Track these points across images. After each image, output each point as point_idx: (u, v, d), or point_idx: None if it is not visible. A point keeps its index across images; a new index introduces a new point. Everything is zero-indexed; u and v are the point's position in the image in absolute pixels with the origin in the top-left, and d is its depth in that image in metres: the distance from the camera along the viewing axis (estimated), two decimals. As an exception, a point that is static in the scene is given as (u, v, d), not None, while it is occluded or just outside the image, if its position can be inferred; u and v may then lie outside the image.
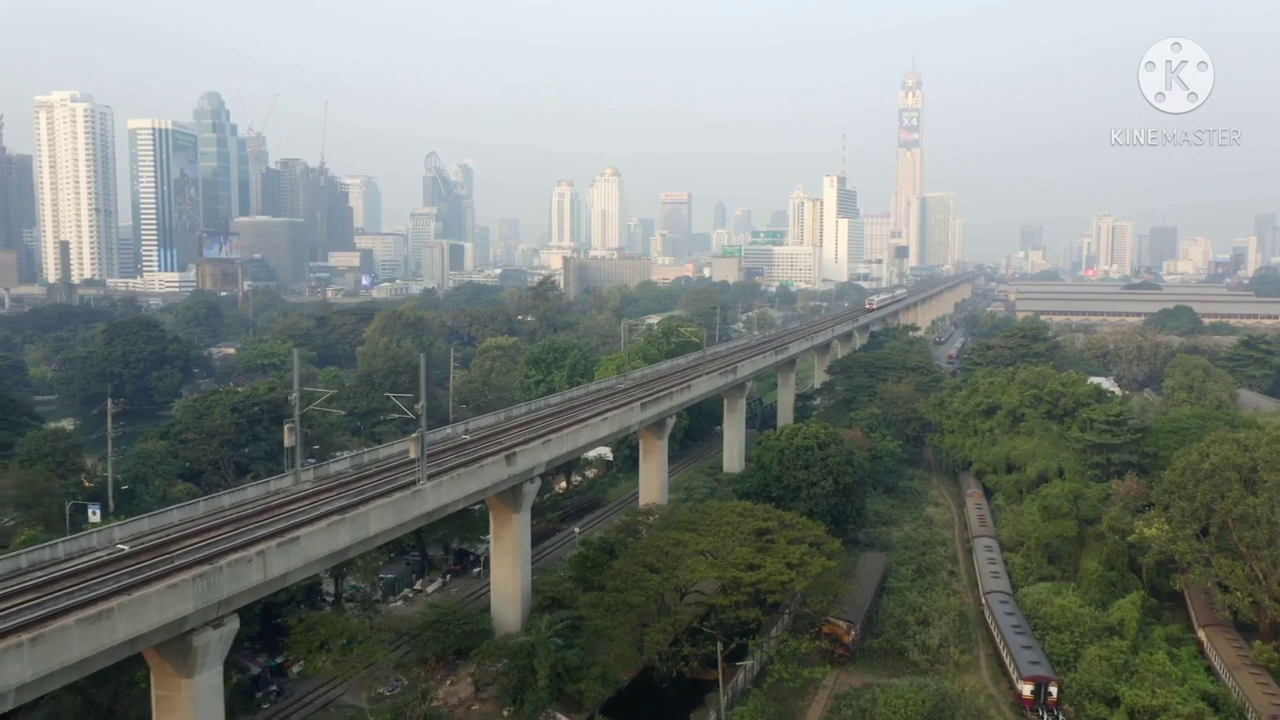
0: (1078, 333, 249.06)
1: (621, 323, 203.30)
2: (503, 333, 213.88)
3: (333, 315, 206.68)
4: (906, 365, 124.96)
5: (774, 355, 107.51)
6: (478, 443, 58.53)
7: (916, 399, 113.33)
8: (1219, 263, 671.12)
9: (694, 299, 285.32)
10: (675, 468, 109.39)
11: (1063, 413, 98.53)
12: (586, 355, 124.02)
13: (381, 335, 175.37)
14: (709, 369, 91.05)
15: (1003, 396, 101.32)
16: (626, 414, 66.32)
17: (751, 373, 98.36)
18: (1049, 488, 72.42)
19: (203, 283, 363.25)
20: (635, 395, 76.03)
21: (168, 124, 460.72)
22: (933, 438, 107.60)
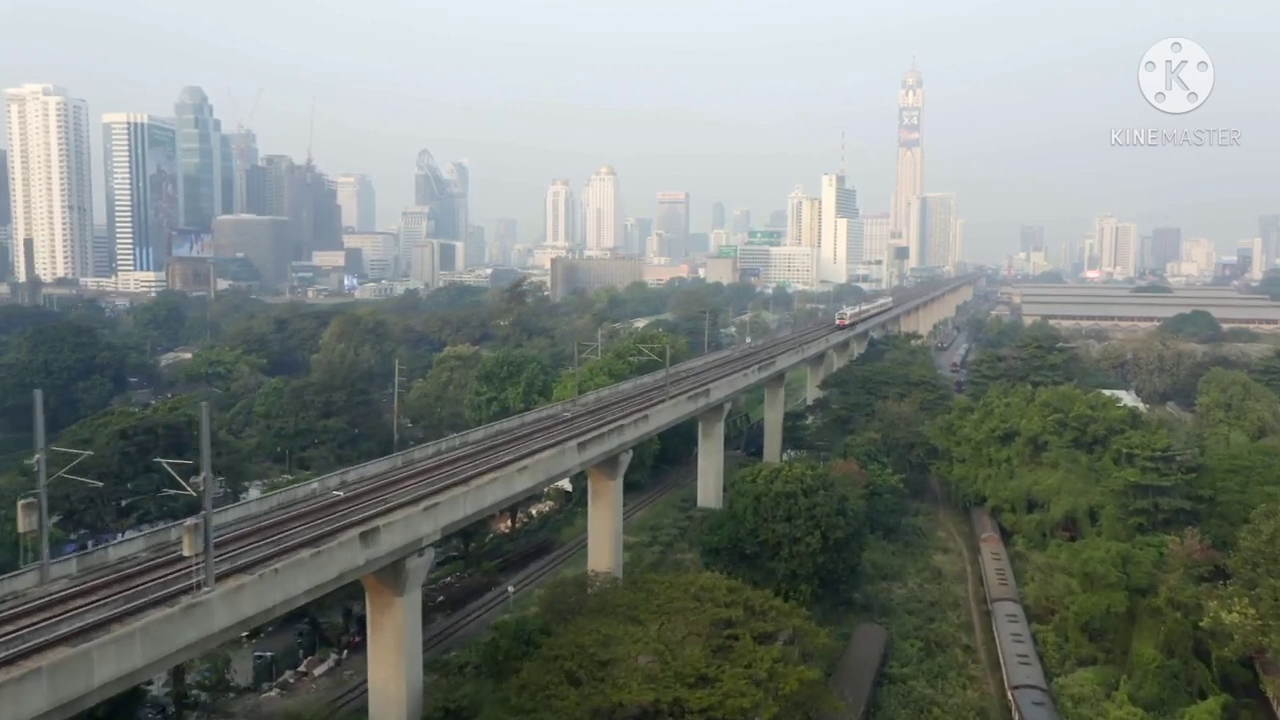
0: (1089, 339, 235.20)
1: (600, 328, 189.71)
2: (476, 338, 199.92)
3: (294, 319, 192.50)
4: (909, 380, 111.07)
5: (757, 372, 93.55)
6: (352, 501, 44.55)
7: (920, 420, 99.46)
8: (1225, 264, 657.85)
9: (684, 302, 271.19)
10: (643, 500, 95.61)
11: (1092, 440, 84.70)
12: (546, 369, 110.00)
13: (338, 342, 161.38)
14: (676, 391, 77.11)
15: (1021, 420, 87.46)
16: (556, 458, 52.33)
17: (728, 395, 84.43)
18: (1090, 548, 58.41)
19: (172, 283, 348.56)
20: (578, 429, 62.17)
21: (143, 118, 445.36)
22: (939, 466, 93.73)
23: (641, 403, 73.21)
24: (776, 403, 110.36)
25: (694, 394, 74.71)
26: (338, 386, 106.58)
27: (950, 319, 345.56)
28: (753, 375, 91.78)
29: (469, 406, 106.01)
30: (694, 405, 74.24)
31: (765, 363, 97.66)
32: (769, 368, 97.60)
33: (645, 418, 63.87)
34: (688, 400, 72.76)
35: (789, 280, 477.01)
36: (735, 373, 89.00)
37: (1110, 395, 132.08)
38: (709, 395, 77.05)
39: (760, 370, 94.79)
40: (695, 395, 74.57)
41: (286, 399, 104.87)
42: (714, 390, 78.75)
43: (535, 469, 49.66)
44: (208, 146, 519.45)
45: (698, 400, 74.92)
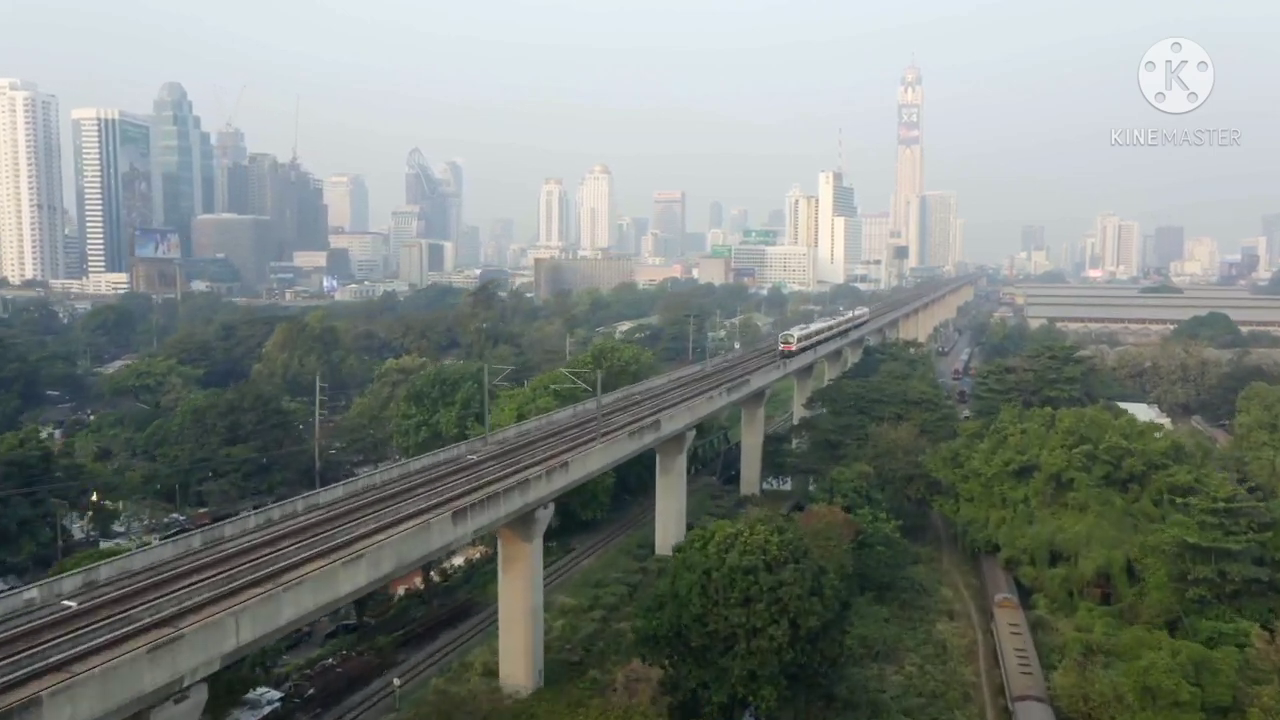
0: (1101, 344, 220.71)
1: (571, 335, 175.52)
2: (442, 345, 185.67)
3: (243, 324, 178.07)
4: (906, 398, 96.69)
5: (726, 394, 79.12)
6: (78, 624, 29.87)
7: (920, 448, 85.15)
8: (1231, 263, 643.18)
9: (670, 305, 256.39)
10: (594, 544, 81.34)
11: (1127, 477, 70.52)
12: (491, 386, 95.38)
13: (280, 351, 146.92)
14: (615, 426, 62.68)
15: (1041, 452, 73.17)
16: (415, 537, 37.75)
17: (687, 424, 69.98)
18: (1153, 653, 43.99)
19: (136, 285, 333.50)
20: (477, 480, 47.75)
21: (114, 114, 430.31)
22: (943, 503, 79.43)
23: (573, 439, 58.81)
24: (755, 424, 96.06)
25: (639, 429, 60.25)
26: (247, 407, 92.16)
27: (951, 321, 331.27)
28: (720, 398, 77.41)
29: (396, 431, 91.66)
30: (637, 443, 59.83)
31: (737, 382, 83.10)
32: (741, 388, 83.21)
33: (565, 466, 49.54)
34: (628, 438, 58.35)
35: (784, 281, 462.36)
36: (699, 395, 74.55)
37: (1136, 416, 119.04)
38: (659, 428, 62.69)
39: (730, 392, 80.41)
40: (641, 430, 60.14)
41: (185, 422, 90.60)
42: (667, 421, 64.36)
43: (377, 557, 35.30)
44: (187, 144, 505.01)
45: (644, 435, 60.54)
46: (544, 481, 46.54)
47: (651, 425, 61.61)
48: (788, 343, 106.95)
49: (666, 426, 64.09)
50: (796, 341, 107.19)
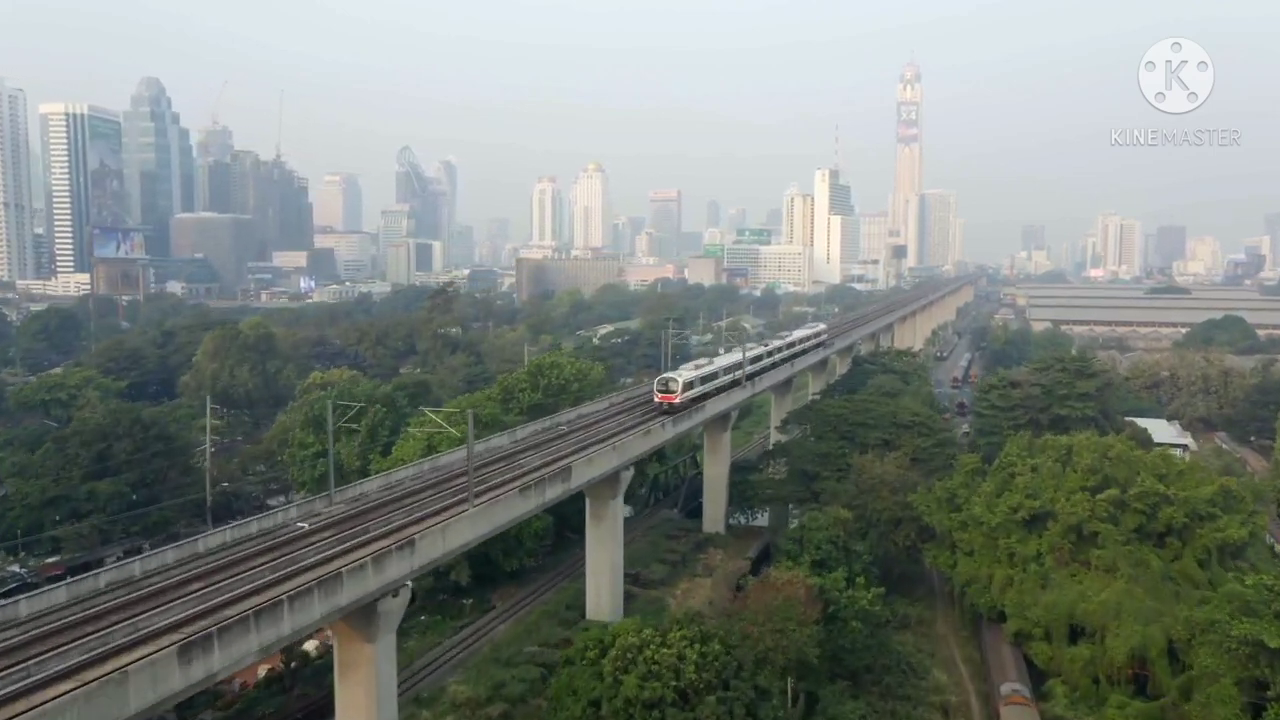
0: (1109, 349, 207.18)
1: (536, 341, 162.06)
2: (400, 352, 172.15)
3: (182, 330, 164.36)
4: (897, 420, 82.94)
5: (671, 426, 65.25)
6: None
7: (911, 483, 71.54)
8: (1237, 263, 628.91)
9: (653, 307, 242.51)
10: (520, 602, 67.79)
11: (1164, 530, 57.05)
12: (399, 411, 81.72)
13: (211, 361, 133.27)
14: (510, 475, 49.01)
15: (1056, 496, 59.62)
16: (103, 694, 24.14)
17: (615, 467, 56.10)
18: None
19: (97, 286, 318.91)
20: (275, 571, 34.08)
21: (83, 109, 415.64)
22: (937, 553, 65.90)
23: (460, 491, 45.11)
24: (719, 451, 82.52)
25: (537, 481, 46.37)
26: (121, 434, 78.48)
27: (951, 323, 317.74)
28: (660, 432, 63.33)
29: (292, 462, 78.01)
30: (535, 499, 46.00)
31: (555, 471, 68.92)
32: (691, 418, 69.38)
33: (410, 545, 35.91)
34: (519, 495, 44.50)
35: (779, 281, 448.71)
36: (633, 427, 60.46)
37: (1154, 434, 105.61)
38: (568, 478, 48.88)
39: (676, 424, 66.57)
40: (541, 482, 46.22)
41: (47, 453, 77.01)
42: (583, 467, 50.50)
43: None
44: (165, 141, 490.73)
45: (545, 489, 46.68)
46: (365, 574, 32.99)
47: (558, 475, 47.94)
48: (668, 391, 70.84)
49: (581, 474, 50.36)
50: (683, 389, 70.76)
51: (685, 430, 71.85)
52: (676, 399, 70.38)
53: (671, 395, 70.75)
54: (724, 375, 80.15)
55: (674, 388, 71.16)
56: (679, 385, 71.19)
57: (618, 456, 55.23)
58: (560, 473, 48.08)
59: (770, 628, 46.66)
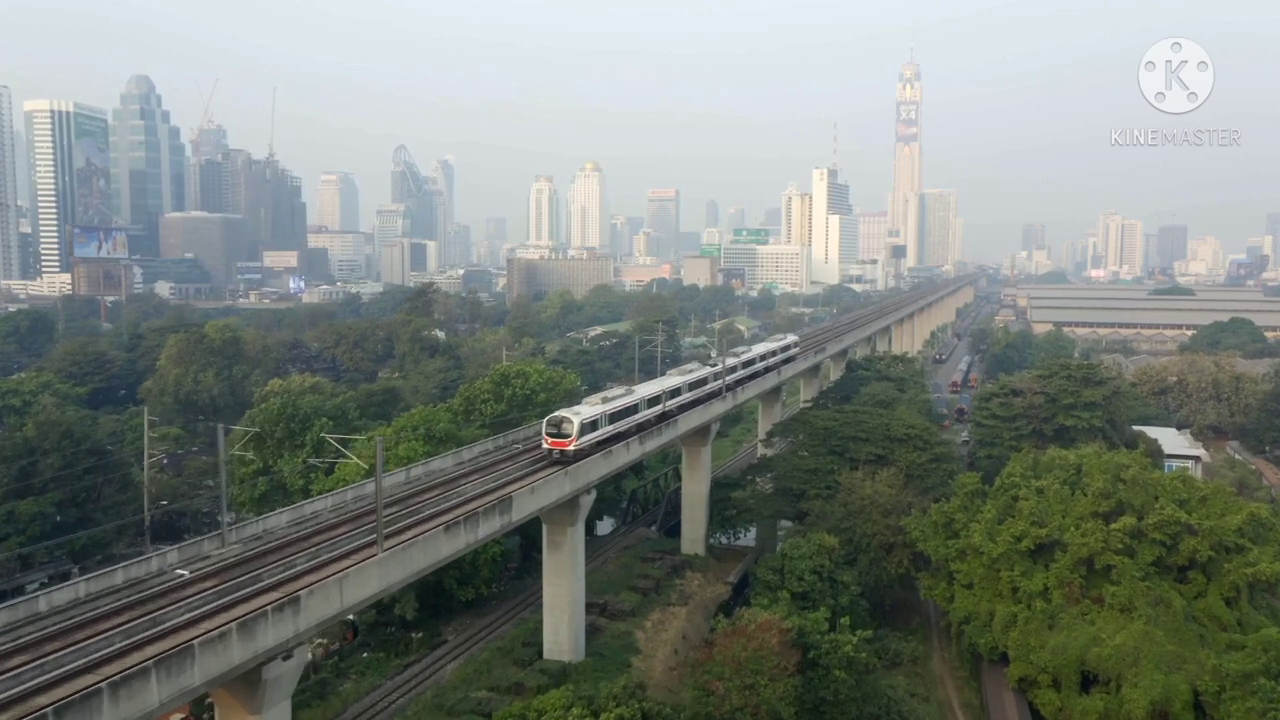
0: (1113, 352, 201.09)
1: (518, 346, 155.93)
2: (378, 356, 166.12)
3: (151, 333, 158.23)
4: (890, 434, 76.79)
5: (638, 445, 58.90)
6: None
7: (904, 505, 65.51)
8: (1241, 263, 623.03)
9: (644, 309, 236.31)
10: (472, 637, 61.62)
11: (1187, 563, 51.04)
12: (349, 419, 75.52)
13: (175, 366, 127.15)
14: (434, 511, 42.79)
15: (1064, 523, 53.57)
16: None
17: (570, 493, 49.85)
18: None
19: (78, 287, 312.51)
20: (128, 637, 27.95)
21: (69, 106, 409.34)
22: (932, 584, 59.91)
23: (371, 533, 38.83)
24: (698, 468, 76.41)
25: (468, 516, 40.10)
26: (49, 449, 72.40)
27: (951, 324, 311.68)
28: (627, 453, 56.89)
29: (234, 480, 71.86)
30: (465, 537, 39.65)
31: (653, 427, 62.73)
32: (663, 434, 63.08)
33: (294, 602, 29.69)
34: (444, 533, 38.12)
35: (776, 282, 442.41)
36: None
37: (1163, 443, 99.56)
38: (507, 510, 42.64)
39: (643, 442, 60.26)
40: (468, 520, 39.81)
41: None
42: (523, 499, 44.23)
43: None
44: (155, 139, 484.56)
45: (478, 525, 40.33)
46: (227, 645, 26.91)
47: (495, 507, 41.70)
48: (561, 436, 54.26)
49: (524, 505, 44.19)
50: (580, 431, 54.26)
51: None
52: (571, 445, 53.71)
53: (565, 440, 54.00)
54: (647, 408, 63.99)
55: (568, 430, 54.21)
56: (575, 427, 54.15)
57: (570, 482, 49.01)
58: (498, 504, 41.86)
59: (739, 683, 40.68)
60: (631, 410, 61.72)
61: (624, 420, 60.45)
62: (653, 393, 66.13)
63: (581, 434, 54.42)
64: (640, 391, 65.04)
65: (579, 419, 54.94)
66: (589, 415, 56.18)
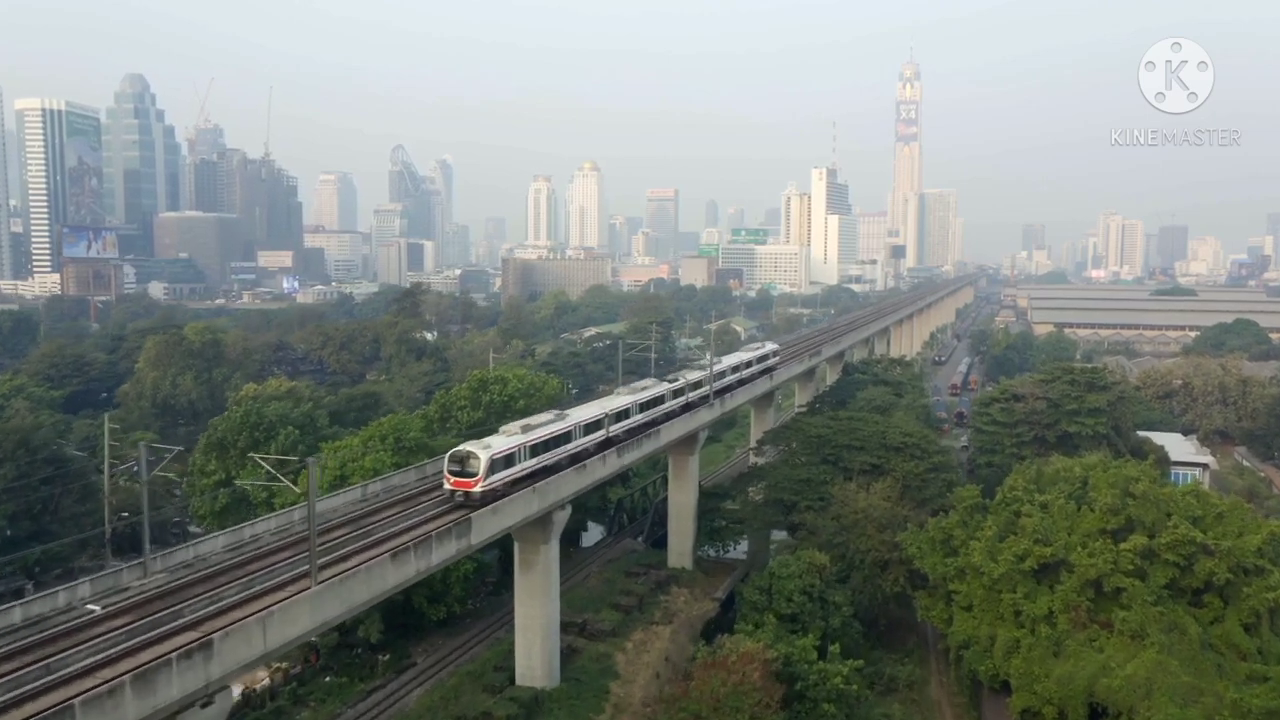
0: (1115, 354, 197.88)
1: (508, 347, 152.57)
2: (366, 357, 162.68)
3: (134, 334, 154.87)
4: (886, 442, 73.30)
5: (601, 465, 54.80)
6: None
7: (900, 519, 62.09)
8: (1242, 263, 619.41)
9: (638, 310, 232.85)
10: (442, 660, 58.21)
11: (1202, 586, 47.63)
12: (317, 427, 71.98)
13: (153, 369, 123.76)
14: (383, 535, 38.96)
15: (1070, 541, 50.17)
16: None
17: (523, 520, 45.70)
18: None
19: (66, 287, 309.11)
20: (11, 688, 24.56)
21: (61, 105, 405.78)
22: (930, 605, 56.46)
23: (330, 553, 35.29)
24: (685, 477, 73.02)
25: (411, 545, 35.88)
26: (4, 456, 68.97)
27: (950, 325, 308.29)
28: (577, 480, 52.43)
29: (191, 491, 68.42)
30: (404, 570, 35.26)
31: (633, 442, 59.00)
32: (639, 448, 59.40)
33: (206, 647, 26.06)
34: (391, 561, 34.28)
35: (774, 282, 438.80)
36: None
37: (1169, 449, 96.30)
38: (466, 534, 39.01)
39: (616, 457, 56.52)
40: (419, 545, 35.58)
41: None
42: (485, 521, 40.56)
43: None
44: (149, 138, 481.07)
45: (427, 553, 36.20)
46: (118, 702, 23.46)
47: (451, 530, 38.05)
48: (465, 475, 44.89)
49: (486, 528, 40.57)
50: (489, 469, 44.91)
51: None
52: (477, 486, 43.66)
53: (469, 480, 43.87)
54: (583, 436, 54.71)
55: (473, 467, 44.12)
56: (482, 464, 43.99)
57: (539, 499, 45.46)
58: (455, 526, 38.31)
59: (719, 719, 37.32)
60: (562, 439, 52.45)
61: (551, 452, 50.90)
62: (591, 417, 56.91)
63: (492, 472, 44.59)
64: (576, 416, 55.68)
65: (488, 454, 44.92)
66: (501, 449, 46.29)
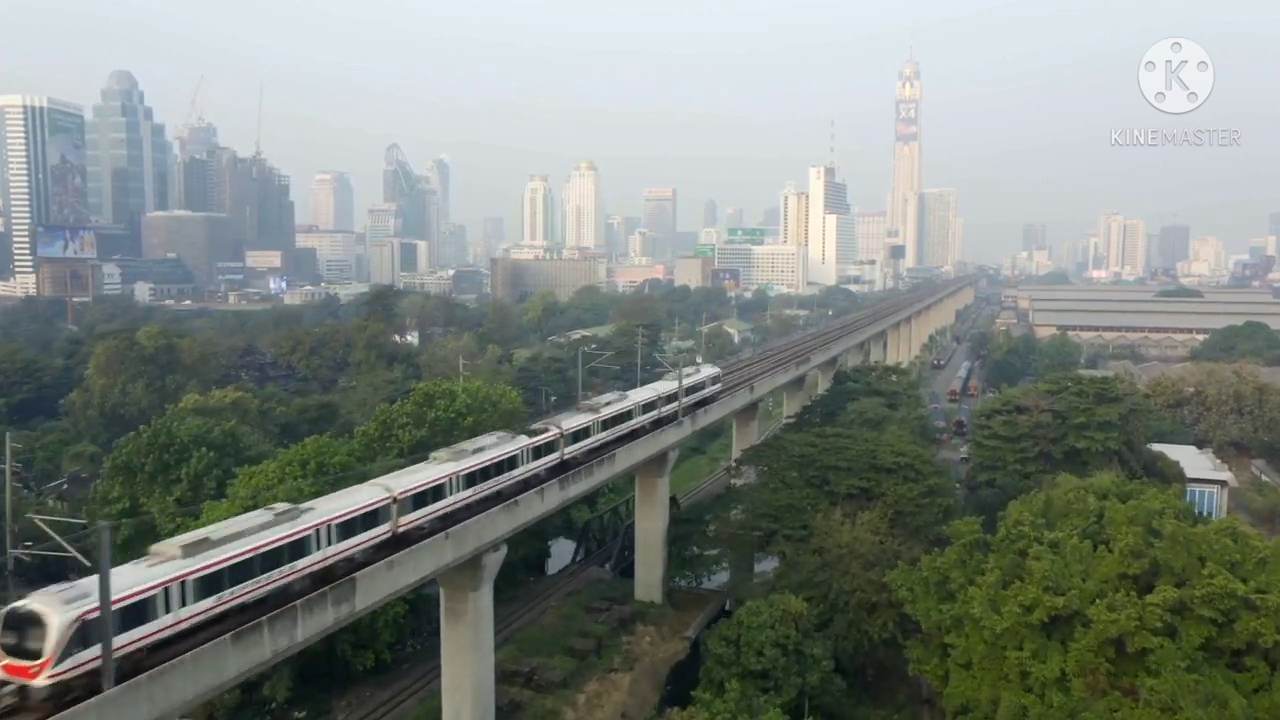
0: (1121, 357, 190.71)
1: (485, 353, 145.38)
2: (338, 362, 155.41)
3: (91, 339, 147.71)
4: (877, 463, 66.02)
5: (526, 507, 46.75)
6: None
7: (890, 554, 54.91)
8: (1245, 264, 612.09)
9: (627, 312, 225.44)
10: (366, 716, 51.03)
11: (1244, 646, 40.37)
12: (240, 448, 64.55)
13: (102, 376, 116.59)
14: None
15: (1084, 590, 42.93)
16: None
17: (433, 571, 38.08)
18: None
19: (41, 288, 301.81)
20: None
21: (43, 102, 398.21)
22: (922, 656, 49.20)
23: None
24: (654, 503, 65.83)
25: (264, 621, 27.78)
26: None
27: (949, 327, 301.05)
28: (508, 516, 45.21)
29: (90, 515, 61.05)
30: (252, 655, 27.44)
31: (579, 472, 51.68)
32: (581, 481, 51.92)
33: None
34: (231, 645, 26.65)
35: (772, 282, 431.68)
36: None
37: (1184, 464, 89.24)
38: (350, 598, 31.67)
39: (557, 492, 49.15)
40: (276, 621, 27.91)
41: None
42: (375, 580, 33.15)
43: None
44: (137, 136, 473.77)
45: (291, 627, 28.78)
46: None
47: (325, 595, 30.49)
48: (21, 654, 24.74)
49: (374, 589, 33.22)
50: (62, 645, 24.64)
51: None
52: (39, 674, 24.46)
53: (24, 666, 24.60)
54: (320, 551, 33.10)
55: (34, 644, 24.89)
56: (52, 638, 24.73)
57: (453, 547, 38.12)
58: (332, 590, 30.93)
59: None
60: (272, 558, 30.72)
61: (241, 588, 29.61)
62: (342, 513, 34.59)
63: (67, 652, 24.67)
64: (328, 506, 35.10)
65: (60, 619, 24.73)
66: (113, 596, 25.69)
